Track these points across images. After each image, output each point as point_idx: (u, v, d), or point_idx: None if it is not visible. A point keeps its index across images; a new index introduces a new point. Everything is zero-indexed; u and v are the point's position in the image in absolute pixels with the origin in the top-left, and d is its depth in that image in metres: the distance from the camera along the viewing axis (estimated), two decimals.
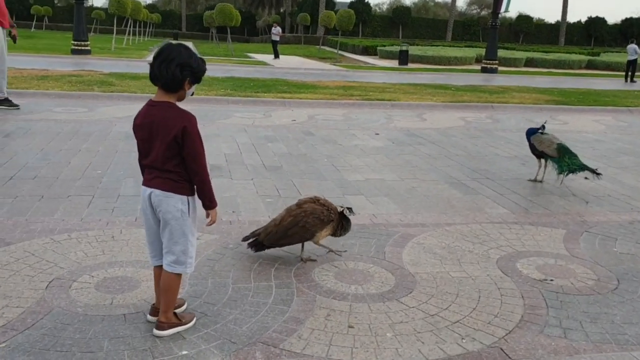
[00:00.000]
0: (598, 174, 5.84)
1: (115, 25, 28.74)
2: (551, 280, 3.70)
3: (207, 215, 2.82)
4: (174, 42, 2.94)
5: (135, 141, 2.74)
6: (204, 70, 2.69)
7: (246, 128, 8.58)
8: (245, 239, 3.84)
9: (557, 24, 59.55)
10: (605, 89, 17.45)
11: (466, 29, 57.64)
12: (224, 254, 3.83)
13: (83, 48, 22.09)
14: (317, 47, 42.47)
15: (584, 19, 61.46)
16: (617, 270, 3.91)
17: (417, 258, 3.94)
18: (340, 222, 3.82)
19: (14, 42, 9.32)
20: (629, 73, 22.55)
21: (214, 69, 17.87)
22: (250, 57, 29.32)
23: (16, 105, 8.98)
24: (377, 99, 12.12)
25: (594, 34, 58.64)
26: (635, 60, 22.44)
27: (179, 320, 2.83)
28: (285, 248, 3.85)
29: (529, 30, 58.27)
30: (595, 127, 10.48)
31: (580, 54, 36.49)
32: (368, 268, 3.73)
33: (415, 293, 3.41)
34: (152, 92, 2.98)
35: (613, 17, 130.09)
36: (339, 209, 3.82)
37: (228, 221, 4.46)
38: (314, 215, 3.67)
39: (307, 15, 47.42)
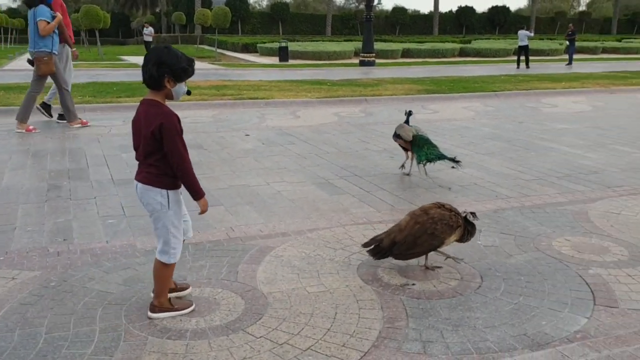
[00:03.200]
0: (457, 161, 5.83)
1: None
2: (413, 284, 3.46)
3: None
4: (160, 45, 3.02)
5: None
6: (184, 67, 2.75)
7: (100, 138, 7.83)
8: (365, 245, 3.66)
9: (431, 14, 62.04)
10: (475, 75, 18.11)
11: (345, 23, 58.49)
12: (42, 295, 3.23)
13: None
14: (195, 46, 41.28)
15: (455, 9, 64.64)
16: (481, 266, 3.75)
17: (272, 275, 3.56)
18: (466, 227, 3.58)
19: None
20: (520, 58, 23.18)
21: (79, 74, 16.60)
22: (122, 60, 27.79)
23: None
24: (251, 98, 11.68)
25: (465, 23, 61.66)
26: (527, 45, 23.19)
27: (171, 306, 3.02)
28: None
29: (404, 22, 60.13)
30: (464, 113, 10.70)
31: (452, 42, 38.07)
32: (215, 294, 3.30)
33: (265, 319, 3.02)
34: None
35: (481, 6, 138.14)
36: (462, 214, 3.60)
37: (55, 252, 3.85)
38: (443, 221, 3.48)
39: (182, 15, 45.91)
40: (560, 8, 73.48)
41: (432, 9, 60.24)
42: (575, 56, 26.87)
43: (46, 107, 9.20)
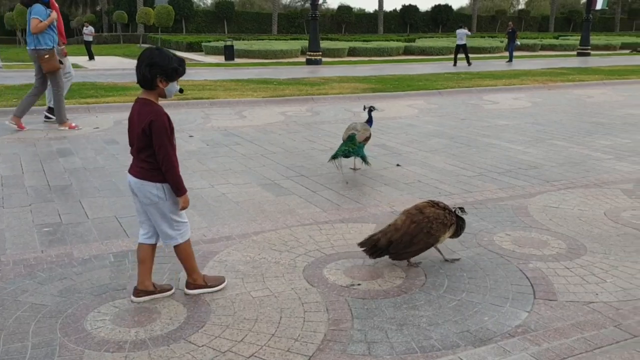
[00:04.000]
0: (366, 161, 5.93)
1: None
2: (358, 284, 3.45)
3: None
4: (152, 47, 3.09)
5: None
6: (175, 67, 2.90)
7: (36, 142, 7.52)
8: (361, 244, 3.66)
9: (376, 13, 62.64)
10: (419, 74, 18.38)
11: (291, 22, 58.33)
12: None
13: None
14: (138, 45, 40.31)
15: (399, 8, 65.43)
16: (425, 263, 3.78)
17: None
18: (458, 223, 3.72)
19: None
20: (458, 57, 23.66)
21: (15, 76, 15.94)
22: None
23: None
24: (195, 98, 11.48)
25: (409, 21, 62.54)
26: (465, 44, 23.67)
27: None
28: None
29: (350, 21, 60.50)
30: (408, 111, 10.83)
31: (397, 41, 38.57)
32: (156, 302, 3.20)
33: (208, 326, 2.95)
34: None
35: (424, 5, 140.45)
36: (453, 210, 3.73)
37: None
38: (438, 220, 3.58)
39: (123, 13, 44.78)
40: (501, 6, 75.50)
41: (377, 7, 60.86)
42: (515, 53, 27.65)
43: (51, 110, 8.98)
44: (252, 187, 5.55)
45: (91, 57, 26.45)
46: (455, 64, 23.18)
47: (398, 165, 6.51)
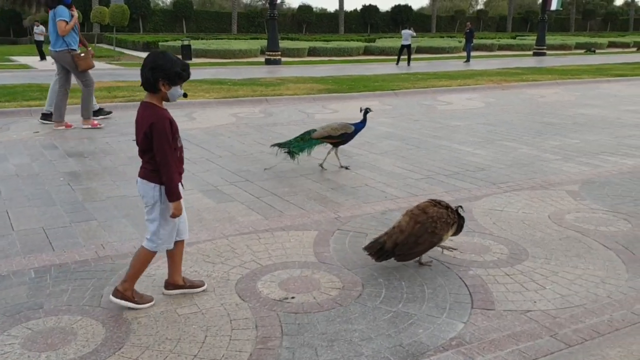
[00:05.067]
0: (291, 154, 6.19)
1: None
2: (292, 297, 3.31)
3: None
4: (157, 50, 3.19)
5: None
6: (178, 72, 2.91)
7: None
8: (366, 248, 3.67)
9: (336, 13, 62.72)
10: (377, 74, 18.38)
11: (251, 21, 57.88)
12: None
13: None
14: (93, 45, 39.33)
15: (359, 8, 65.60)
16: (364, 272, 3.67)
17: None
18: (458, 222, 3.77)
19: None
20: (401, 57, 23.98)
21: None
22: (12, 61, 25.98)
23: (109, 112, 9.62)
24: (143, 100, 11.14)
25: (369, 21, 62.81)
26: (410, 45, 23.95)
27: (132, 297, 3.13)
28: None
29: (310, 20, 60.41)
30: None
31: (358, 41, 38.64)
32: (73, 322, 3.00)
33: (126, 348, 2.76)
34: None
35: (385, 5, 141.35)
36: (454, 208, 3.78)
37: None
38: (442, 219, 3.62)
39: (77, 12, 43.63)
40: (460, 7, 76.57)
41: (337, 7, 60.93)
42: (473, 53, 27.98)
43: (47, 117, 8.90)
44: (192, 193, 5.36)
45: (42, 57, 25.64)
46: (397, 63, 23.53)
47: (347, 168, 6.40)
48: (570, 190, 5.58)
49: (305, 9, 61.30)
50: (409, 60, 23.69)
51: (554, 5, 32.07)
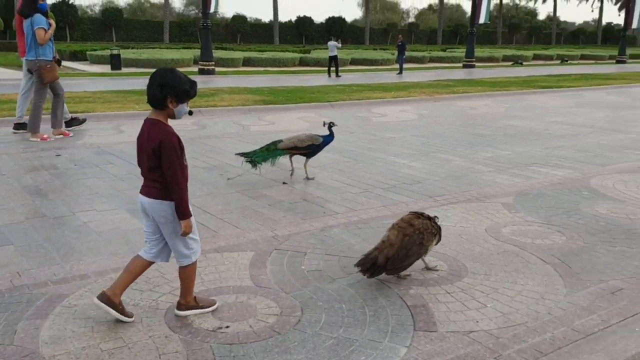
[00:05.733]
0: (253, 163, 6.19)
1: None
2: (227, 327, 3.11)
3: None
4: (165, 67, 3.12)
5: None
6: (186, 90, 2.92)
7: None
8: (358, 264, 3.62)
9: (271, 23, 62.62)
10: (312, 85, 18.34)
11: (184, 30, 56.86)
12: None
13: None
14: (16, 54, 37.48)
15: (294, 19, 65.74)
16: (303, 295, 3.51)
17: (61, 331, 3.01)
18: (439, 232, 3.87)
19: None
20: (332, 68, 24.26)
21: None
22: None
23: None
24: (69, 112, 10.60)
25: (304, 33, 63.05)
26: (336, 56, 24.25)
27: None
28: None
29: (245, 30, 60.00)
30: (299, 125, 10.63)
31: (293, 51, 38.63)
32: None
33: None
34: None
35: (319, 16, 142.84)
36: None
37: None
38: (427, 230, 3.72)
39: None
40: (392, 20, 78.13)
41: (272, 18, 60.83)
42: (405, 65, 28.51)
43: (21, 126, 8.72)
44: (119, 213, 5.05)
45: None
46: (329, 76, 23.72)
47: (284, 183, 6.24)
48: (505, 203, 5.63)
49: (239, 18, 60.84)
50: (337, 71, 23.94)
51: (482, 19, 33.14)
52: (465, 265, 4.05)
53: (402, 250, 3.60)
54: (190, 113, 3.11)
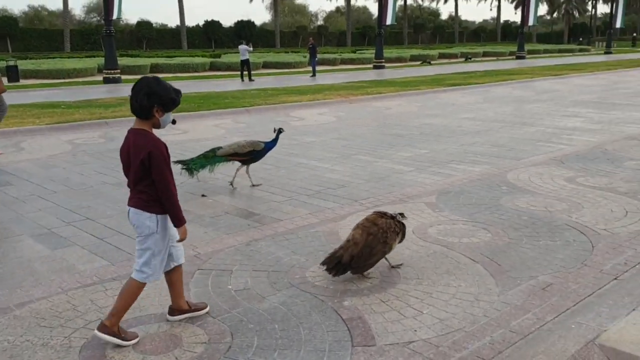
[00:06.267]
0: (190, 170, 6.08)
1: None
2: None
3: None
4: (148, 76, 2.99)
5: None
6: (173, 98, 2.91)
7: None
8: (324, 262, 3.68)
9: (178, 28, 61.13)
10: (226, 91, 17.94)
11: (85, 38, 54.26)
12: None
13: None
14: None
15: (202, 23, 64.50)
16: (232, 318, 3.27)
17: None
18: (402, 230, 3.92)
19: None
20: (244, 72, 23.96)
21: None
22: None
23: None
24: None
25: (213, 37, 61.95)
26: (248, 59, 23.95)
27: (119, 333, 2.94)
28: None
29: (151, 36, 58.14)
30: (215, 132, 10.30)
31: (203, 56, 37.82)
32: None
33: None
34: None
35: (228, 21, 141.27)
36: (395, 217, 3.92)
37: None
38: (390, 229, 3.78)
39: None
40: (301, 22, 78.50)
41: (179, 23, 59.38)
42: (318, 68, 28.60)
43: None
44: (21, 240, 4.58)
45: None
46: (242, 80, 23.47)
47: (203, 195, 5.94)
48: (429, 202, 5.63)
49: (144, 24, 58.90)
50: (249, 75, 23.73)
51: (388, 20, 33.79)
52: (397, 271, 3.95)
53: (366, 248, 3.66)
54: (174, 122, 3.06)
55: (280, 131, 6.44)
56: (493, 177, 6.64)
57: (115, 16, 23.92)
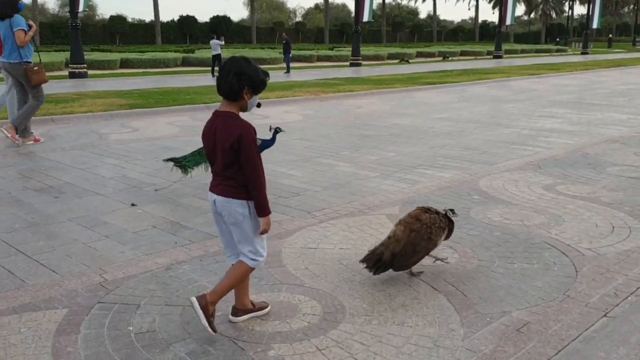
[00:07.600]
0: (184, 167, 5.74)
1: None
2: None
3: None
4: (238, 56, 2.79)
5: None
6: (262, 79, 2.79)
7: None
8: (363, 260, 3.49)
9: (152, 23, 59.85)
10: (192, 86, 17.08)
11: (56, 32, 52.73)
12: None
13: None
14: None
15: (176, 18, 63.24)
16: None
17: None
18: (449, 226, 3.70)
19: None
20: (216, 68, 23.17)
21: None
22: None
23: None
24: None
25: (188, 32, 60.76)
26: (220, 54, 23.16)
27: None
28: None
29: (124, 31, 56.78)
30: (169, 130, 9.51)
31: (176, 52, 36.84)
32: None
33: None
34: None
35: (203, 16, 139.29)
36: (443, 212, 3.70)
37: None
38: (435, 225, 3.57)
39: None
40: (279, 19, 77.55)
41: (153, 17, 58.09)
42: (293, 64, 27.86)
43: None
44: None
45: None
46: (213, 75, 22.63)
47: (133, 205, 5.18)
48: (390, 214, 4.94)
49: (117, 19, 57.47)
50: (220, 70, 22.92)
51: (365, 17, 33.14)
52: (343, 304, 3.26)
53: (409, 246, 3.47)
54: (259, 105, 2.91)
55: (277, 130, 5.86)
56: (464, 184, 5.98)
57: (81, 9, 22.90)
